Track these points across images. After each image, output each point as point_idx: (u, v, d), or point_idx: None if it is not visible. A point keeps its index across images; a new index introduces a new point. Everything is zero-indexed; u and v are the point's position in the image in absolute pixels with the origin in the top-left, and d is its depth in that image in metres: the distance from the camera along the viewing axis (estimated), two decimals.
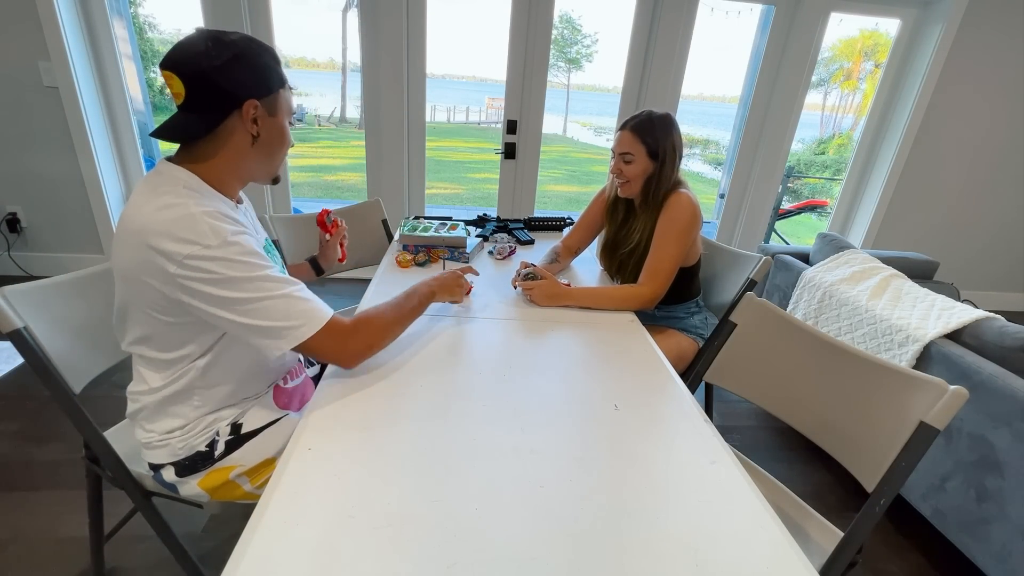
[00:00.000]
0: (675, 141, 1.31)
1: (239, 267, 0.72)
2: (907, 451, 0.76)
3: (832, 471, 1.72)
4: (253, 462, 0.89)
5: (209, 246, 0.70)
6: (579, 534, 0.62)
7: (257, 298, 0.74)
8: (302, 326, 0.78)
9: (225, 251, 0.71)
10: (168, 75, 0.74)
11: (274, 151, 0.85)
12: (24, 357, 0.81)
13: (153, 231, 0.70)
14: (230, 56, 0.73)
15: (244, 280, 0.73)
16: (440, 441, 0.76)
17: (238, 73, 0.74)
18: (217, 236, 0.71)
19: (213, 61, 0.72)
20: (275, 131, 0.82)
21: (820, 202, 4.60)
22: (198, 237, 0.70)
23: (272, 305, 0.75)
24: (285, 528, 0.59)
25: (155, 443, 0.86)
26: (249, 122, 0.78)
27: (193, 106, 0.75)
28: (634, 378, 0.98)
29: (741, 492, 0.71)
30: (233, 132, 0.78)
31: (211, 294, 0.72)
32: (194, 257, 0.70)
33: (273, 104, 0.80)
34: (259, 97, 0.77)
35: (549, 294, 1.25)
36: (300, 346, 0.79)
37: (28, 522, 1.31)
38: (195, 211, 0.72)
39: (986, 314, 1.38)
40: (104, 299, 1.00)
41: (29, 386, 1.81)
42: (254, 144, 0.80)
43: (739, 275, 1.44)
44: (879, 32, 3.16)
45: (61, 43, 2.21)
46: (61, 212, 2.55)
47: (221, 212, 0.75)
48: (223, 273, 0.71)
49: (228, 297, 0.72)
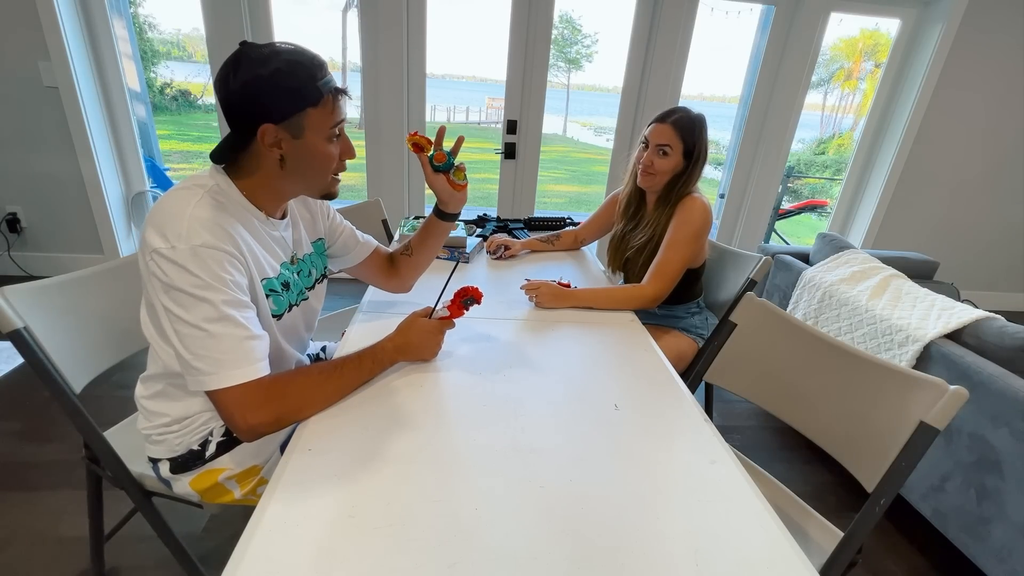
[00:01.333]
0: (706, 144, 1.33)
1: (187, 279, 0.68)
2: (907, 451, 0.76)
3: (832, 471, 1.72)
4: (241, 467, 0.89)
5: (173, 247, 0.68)
6: (579, 534, 0.62)
7: (185, 320, 0.69)
8: (209, 374, 0.70)
9: (183, 257, 0.68)
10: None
11: (308, 173, 0.81)
12: (24, 357, 0.81)
13: (152, 217, 0.71)
14: (247, 78, 0.72)
15: (185, 295, 0.69)
16: (440, 441, 0.76)
17: (251, 97, 0.73)
18: (188, 240, 0.69)
19: (229, 84, 0.72)
20: (305, 152, 0.78)
21: (820, 202, 4.61)
22: (170, 234, 0.69)
23: (192, 336, 0.69)
24: (285, 528, 0.59)
25: (155, 436, 0.86)
26: (268, 146, 0.76)
27: (230, 125, 0.77)
28: (634, 378, 0.98)
29: (741, 492, 0.71)
30: (261, 153, 0.77)
31: (158, 295, 0.70)
32: (157, 253, 0.68)
33: (297, 126, 0.75)
34: (275, 122, 0.74)
35: (553, 295, 1.25)
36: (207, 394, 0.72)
37: (28, 522, 1.31)
38: (189, 211, 0.71)
39: (986, 314, 1.38)
40: (104, 299, 1.00)
41: (29, 386, 1.81)
42: (282, 166, 0.78)
43: (739, 275, 1.44)
44: (879, 32, 3.16)
45: (61, 43, 2.21)
46: (61, 212, 2.55)
47: (218, 221, 0.72)
48: (171, 279, 0.68)
49: (165, 306, 0.70)
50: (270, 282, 0.84)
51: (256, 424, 0.73)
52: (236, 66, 0.72)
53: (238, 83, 0.72)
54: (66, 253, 2.64)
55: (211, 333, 0.69)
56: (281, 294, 0.87)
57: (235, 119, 0.75)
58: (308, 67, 0.74)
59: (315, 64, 0.75)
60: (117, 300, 1.02)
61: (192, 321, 0.69)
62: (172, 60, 10.45)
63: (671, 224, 1.32)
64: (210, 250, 0.70)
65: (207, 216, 0.72)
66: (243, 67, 0.72)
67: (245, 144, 0.77)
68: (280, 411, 0.75)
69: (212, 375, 0.70)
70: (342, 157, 0.84)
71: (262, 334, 0.76)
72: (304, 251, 0.96)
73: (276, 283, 0.85)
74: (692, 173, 1.32)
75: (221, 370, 0.70)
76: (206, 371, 0.70)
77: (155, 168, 2.95)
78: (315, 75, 0.75)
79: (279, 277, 0.86)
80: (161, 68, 9.67)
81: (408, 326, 0.93)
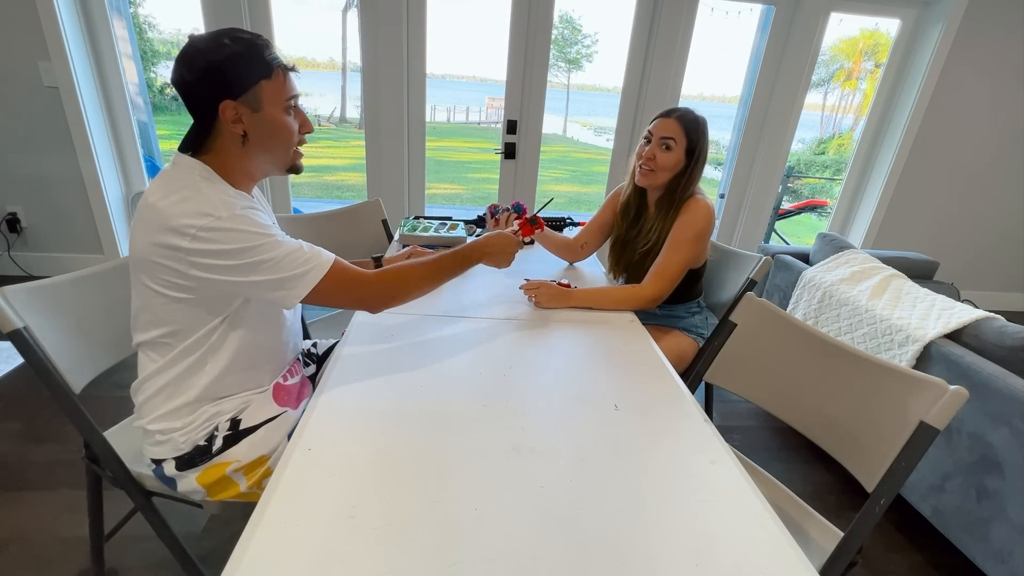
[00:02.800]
0: (707, 144, 1.34)
1: (248, 237, 0.76)
2: (907, 451, 0.76)
3: (832, 471, 1.72)
4: (249, 458, 0.89)
5: (220, 217, 0.74)
6: (579, 534, 0.62)
7: (268, 258, 0.78)
8: (308, 272, 0.81)
9: (235, 222, 0.75)
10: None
11: (271, 145, 0.85)
12: (24, 357, 0.81)
13: (172, 215, 0.74)
14: (201, 63, 0.76)
15: (254, 247, 0.77)
16: (440, 441, 0.76)
17: (207, 76, 0.77)
18: (228, 208, 0.76)
19: (183, 72, 0.77)
20: (267, 124, 0.82)
21: (820, 202, 4.61)
22: (211, 209, 0.74)
23: (282, 260, 0.79)
24: (285, 528, 0.59)
25: (158, 436, 0.86)
26: (231, 122, 0.79)
27: (192, 114, 0.81)
28: (634, 378, 0.98)
29: (741, 492, 0.71)
30: (223, 134, 0.81)
31: (223, 264, 0.76)
32: (208, 228, 0.74)
33: (254, 99, 0.79)
34: (234, 97, 0.78)
35: (552, 295, 1.25)
36: (313, 293, 0.83)
37: (28, 522, 1.31)
38: (208, 193, 0.77)
39: (986, 314, 1.38)
40: (104, 299, 1.00)
41: (29, 386, 1.81)
42: (245, 142, 0.82)
43: (739, 275, 1.44)
44: (879, 32, 3.16)
45: (61, 43, 2.21)
46: (61, 212, 2.55)
47: (230, 196, 0.80)
48: (234, 244, 0.75)
49: (239, 264, 0.76)
50: None
51: (377, 297, 0.92)
52: (189, 57, 0.77)
53: (195, 71, 0.76)
54: (66, 253, 2.64)
55: (291, 251, 0.80)
56: None
57: (196, 105, 0.79)
58: (255, 43, 0.79)
59: (260, 41, 0.80)
60: (117, 300, 1.02)
61: (272, 256, 0.78)
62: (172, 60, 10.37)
63: (675, 226, 1.32)
64: (248, 211, 0.79)
65: (222, 194, 0.79)
66: (195, 55, 0.77)
67: (208, 128, 0.81)
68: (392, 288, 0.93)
69: (310, 272, 0.82)
70: (301, 130, 0.89)
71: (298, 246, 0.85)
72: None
73: None
74: (693, 173, 1.32)
75: (315, 266, 0.82)
76: (306, 271, 0.81)
77: (155, 168, 2.95)
78: (262, 50, 0.80)
79: None
80: (161, 68, 9.64)
81: (491, 236, 1.11)
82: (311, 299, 0.85)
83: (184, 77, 0.77)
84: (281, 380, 0.99)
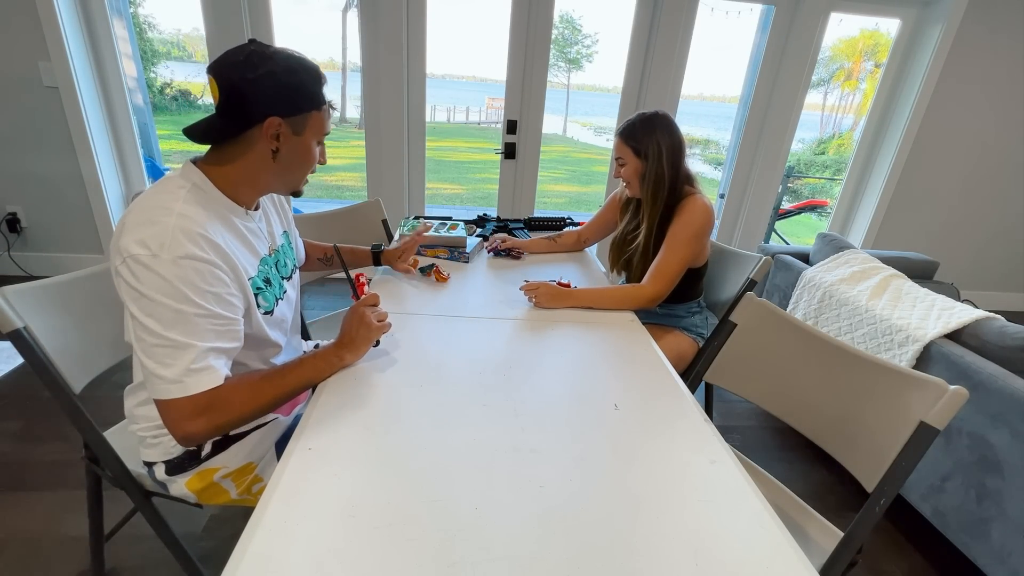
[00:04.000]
0: (659, 139, 1.30)
1: (161, 287, 0.68)
2: (907, 451, 0.76)
3: (832, 471, 1.72)
4: (236, 464, 0.89)
5: (155, 256, 0.68)
6: (579, 534, 0.62)
7: (150, 328, 0.69)
8: (160, 384, 0.70)
9: (163, 267, 0.68)
10: (211, 79, 0.77)
11: (294, 168, 0.85)
12: (24, 357, 0.81)
13: (130, 221, 0.70)
14: (264, 71, 0.75)
15: (156, 304, 0.69)
16: (440, 441, 0.76)
17: (268, 89, 0.76)
18: (171, 251, 0.69)
19: (246, 74, 0.74)
20: (299, 150, 0.82)
21: (820, 202, 4.60)
22: (152, 242, 0.68)
23: (155, 345, 0.70)
24: (285, 528, 0.59)
25: (150, 439, 0.86)
26: (270, 137, 0.78)
27: (224, 112, 0.78)
28: (634, 378, 0.98)
29: (741, 492, 0.70)
30: (254, 143, 0.79)
31: (127, 301, 0.70)
32: (135, 259, 0.68)
33: (301, 124, 0.80)
34: (284, 115, 0.78)
35: (552, 295, 1.25)
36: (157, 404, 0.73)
37: (28, 522, 1.31)
38: (172, 218, 0.70)
39: (986, 314, 1.38)
40: (104, 299, 1.00)
41: (29, 386, 1.81)
42: (275, 158, 0.81)
43: (739, 275, 1.44)
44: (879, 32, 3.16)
45: (61, 43, 2.20)
46: (61, 212, 2.54)
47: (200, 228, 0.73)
48: (144, 286, 0.68)
49: (133, 312, 0.70)
50: (254, 281, 0.85)
51: (191, 433, 0.74)
52: (252, 58, 0.75)
53: (254, 74, 0.74)
54: (66, 253, 2.64)
55: (177, 344, 0.70)
56: (266, 290, 0.89)
57: (240, 107, 0.76)
58: (316, 75, 0.81)
59: (320, 73, 0.82)
60: (117, 300, 1.01)
61: (157, 330, 0.69)
62: (172, 60, 10.41)
63: (672, 225, 1.32)
64: (192, 262, 0.70)
65: (190, 224, 0.72)
66: (266, 62, 0.75)
67: (238, 132, 0.78)
68: (218, 421, 0.75)
69: (175, 384, 0.70)
70: (319, 162, 0.89)
71: (230, 346, 0.77)
72: (277, 242, 0.98)
73: (259, 280, 0.87)
74: (658, 169, 1.31)
75: (183, 380, 0.70)
76: (171, 380, 0.70)
77: (155, 168, 2.95)
78: (320, 83, 0.82)
79: (259, 274, 0.87)
80: (161, 68, 9.66)
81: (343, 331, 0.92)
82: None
83: (245, 75, 0.74)
84: None
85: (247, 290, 0.82)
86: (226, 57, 0.76)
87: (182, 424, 0.73)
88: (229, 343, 0.76)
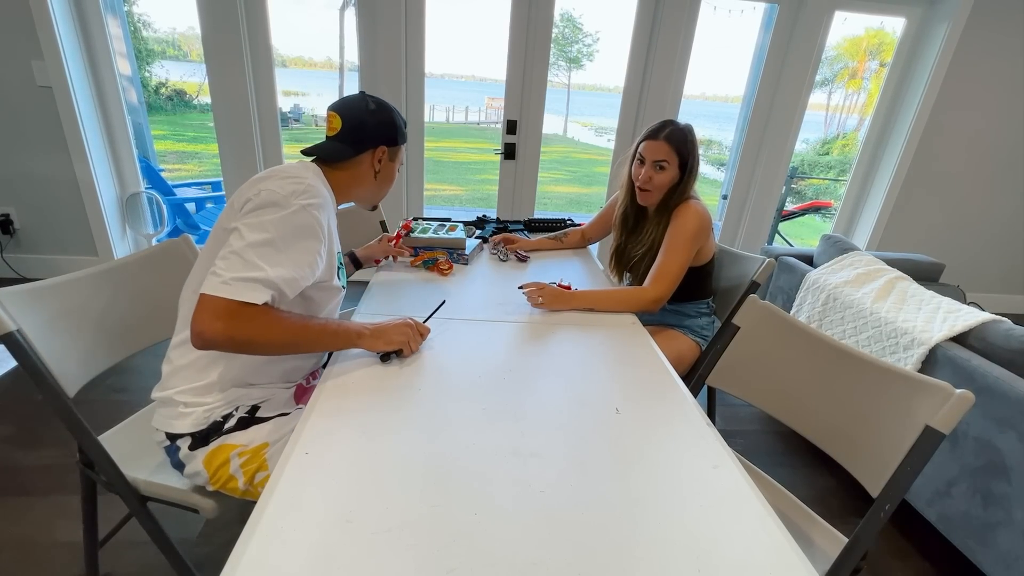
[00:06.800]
0: (698, 153, 1.36)
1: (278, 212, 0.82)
2: (912, 456, 0.75)
3: (836, 476, 1.71)
4: (253, 444, 0.90)
5: (287, 197, 0.84)
6: (580, 539, 0.61)
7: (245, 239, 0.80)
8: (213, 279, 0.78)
9: (291, 208, 0.83)
10: (333, 115, 1.02)
11: (384, 185, 1.11)
12: (17, 360, 0.80)
13: (270, 177, 0.87)
14: (382, 116, 1.04)
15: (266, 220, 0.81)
16: (439, 445, 0.75)
17: (382, 127, 1.03)
18: (306, 195, 0.86)
19: (371, 117, 1.02)
20: (389, 172, 1.10)
21: (824, 203, 4.57)
22: (288, 189, 0.84)
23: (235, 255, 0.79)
24: (282, 533, 0.58)
25: (183, 408, 0.87)
26: (376, 160, 1.04)
27: (344, 139, 1.01)
28: (636, 381, 0.97)
29: (744, 497, 0.70)
30: (362, 164, 1.04)
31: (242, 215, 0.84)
32: (272, 193, 0.83)
33: (395, 153, 1.09)
34: (389, 146, 1.05)
35: (553, 297, 1.24)
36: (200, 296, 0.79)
37: (22, 528, 1.30)
38: (308, 179, 0.89)
39: (992, 317, 1.36)
40: (99, 302, 0.99)
41: (22, 390, 1.80)
42: (375, 176, 1.06)
43: (742, 277, 1.43)
44: (884, 31, 3.13)
45: (55, 42, 2.19)
46: (55, 213, 2.53)
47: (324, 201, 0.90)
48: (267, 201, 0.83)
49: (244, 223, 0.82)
50: (339, 256, 1.03)
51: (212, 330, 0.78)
52: (378, 104, 1.04)
53: (380, 115, 1.03)
54: (60, 255, 2.62)
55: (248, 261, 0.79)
56: (341, 270, 1.05)
57: (361, 136, 1.01)
58: (403, 120, 1.09)
59: (403, 119, 1.10)
60: (112, 303, 1.02)
61: (246, 242, 0.80)
62: (167, 59, 10.33)
63: (668, 230, 1.34)
64: (309, 215, 0.85)
65: (318, 190, 0.90)
66: (385, 107, 1.05)
67: (354, 154, 1.02)
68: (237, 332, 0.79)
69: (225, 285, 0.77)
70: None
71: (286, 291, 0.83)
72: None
73: (340, 258, 1.04)
74: (688, 183, 1.36)
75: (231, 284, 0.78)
76: (224, 280, 0.77)
77: (150, 169, 2.94)
78: (405, 125, 1.10)
79: (339, 255, 1.04)
80: (156, 67, 9.63)
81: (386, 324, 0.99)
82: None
83: (370, 110, 1.02)
84: (304, 382, 1.04)
85: (334, 260, 0.97)
86: (350, 102, 1.02)
87: (209, 320, 0.78)
88: (287, 289, 0.83)
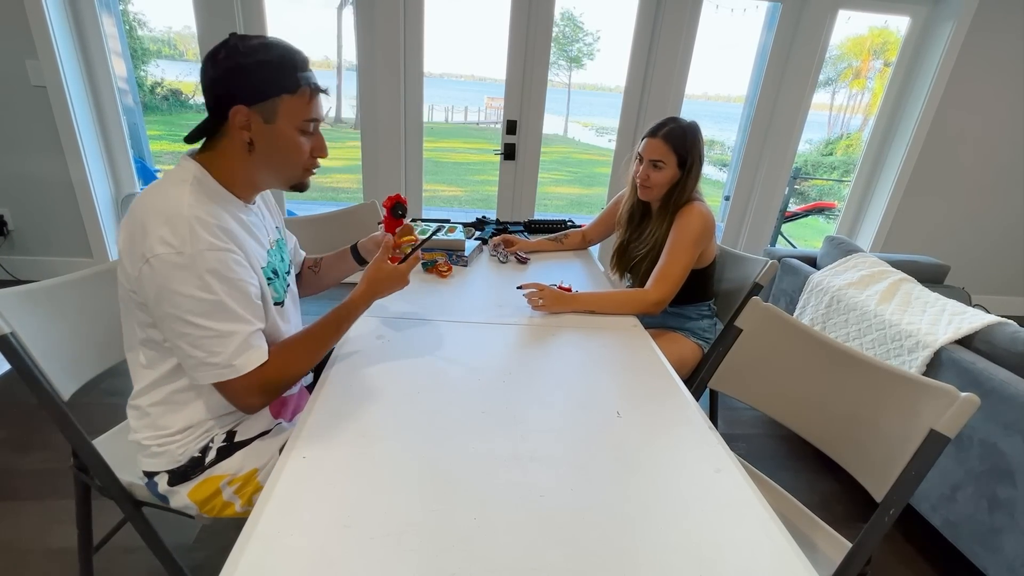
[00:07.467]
0: (701, 151, 1.34)
1: (196, 283, 0.71)
2: (917, 460, 0.75)
3: (840, 480, 1.69)
4: (242, 471, 0.87)
5: (180, 252, 0.70)
6: (581, 544, 0.60)
7: (195, 323, 0.72)
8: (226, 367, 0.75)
9: (192, 262, 0.70)
10: None
11: (276, 160, 0.81)
12: (11, 363, 0.79)
13: (143, 218, 0.71)
14: (228, 64, 0.74)
15: (194, 300, 0.71)
16: (438, 449, 0.74)
17: (235, 80, 0.74)
18: (194, 244, 0.70)
19: (211, 70, 0.75)
20: (276, 140, 0.79)
21: (828, 204, 4.55)
22: (173, 238, 0.70)
23: (204, 337, 0.73)
24: (279, 538, 0.58)
25: (155, 448, 0.84)
26: (238, 128, 0.77)
27: (207, 109, 0.78)
28: (637, 384, 0.97)
29: (747, 501, 0.69)
30: (230, 136, 0.78)
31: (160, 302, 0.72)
32: (159, 259, 0.69)
33: (270, 111, 0.76)
34: (248, 104, 0.75)
35: (553, 299, 1.23)
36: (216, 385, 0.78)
37: (15, 532, 1.29)
38: (185, 212, 0.71)
39: (998, 319, 1.35)
40: (94, 304, 0.98)
41: (16, 393, 1.78)
42: (251, 150, 0.79)
43: (744, 279, 1.42)
44: (888, 30, 3.12)
45: (49, 41, 2.17)
46: (49, 215, 2.51)
47: (214, 218, 0.74)
48: (177, 284, 0.70)
49: (169, 312, 0.72)
50: (264, 271, 0.86)
51: (254, 404, 0.81)
52: (220, 51, 0.75)
53: (220, 67, 0.74)
54: (54, 256, 2.60)
55: (221, 332, 0.74)
56: (275, 280, 0.90)
57: (212, 101, 0.76)
58: (290, 58, 0.77)
59: (298, 57, 0.78)
60: (106, 305, 1.01)
61: (200, 322, 0.72)
62: (163, 59, 10.32)
63: (672, 231, 1.33)
64: (215, 252, 0.72)
65: (204, 215, 0.73)
66: (226, 52, 0.74)
67: (217, 126, 0.78)
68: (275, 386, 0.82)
69: (228, 368, 0.75)
70: (314, 154, 0.85)
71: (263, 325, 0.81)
72: (276, 236, 0.97)
73: (268, 271, 0.88)
74: (688, 181, 1.34)
75: (234, 363, 0.76)
76: (223, 365, 0.75)
77: (145, 169, 2.92)
78: (296, 66, 0.77)
79: (268, 265, 0.88)
80: (151, 67, 9.58)
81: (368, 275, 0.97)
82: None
83: (208, 71, 0.75)
84: None
85: (261, 278, 0.83)
86: (207, 54, 0.76)
87: (244, 399, 0.80)
88: (261, 322, 0.81)
